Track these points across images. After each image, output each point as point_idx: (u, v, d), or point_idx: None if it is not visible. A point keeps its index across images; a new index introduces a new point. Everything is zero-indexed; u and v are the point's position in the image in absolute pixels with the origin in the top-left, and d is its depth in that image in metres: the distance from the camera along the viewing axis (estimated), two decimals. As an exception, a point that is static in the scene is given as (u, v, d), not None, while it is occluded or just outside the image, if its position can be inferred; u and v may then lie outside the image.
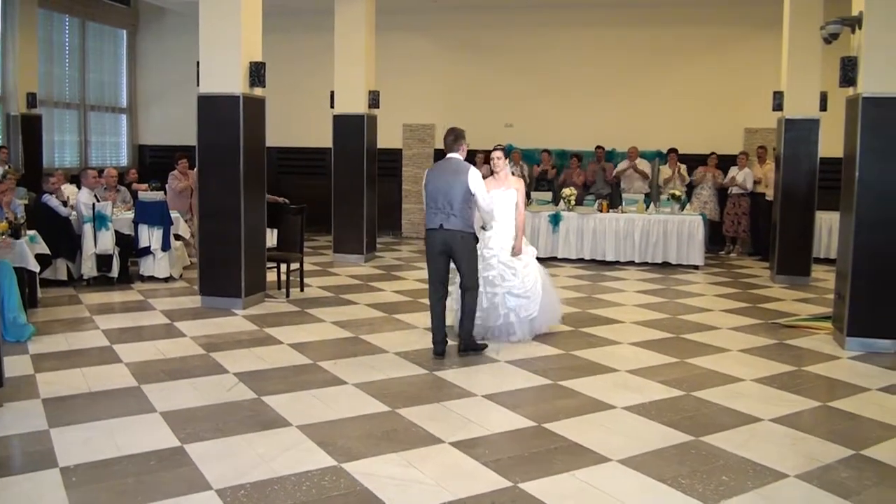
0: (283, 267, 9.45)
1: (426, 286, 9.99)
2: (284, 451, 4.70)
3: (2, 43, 13.21)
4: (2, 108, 13.27)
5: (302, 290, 9.63)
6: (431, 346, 6.97)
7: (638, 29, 14.69)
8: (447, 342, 6.99)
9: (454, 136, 6.89)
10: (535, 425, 5.22)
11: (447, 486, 4.25)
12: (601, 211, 12.37)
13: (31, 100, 13.37)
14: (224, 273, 8.61)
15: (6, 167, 11.32)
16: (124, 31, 16.62)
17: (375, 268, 11.78)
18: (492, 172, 7.54)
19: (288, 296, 9.30)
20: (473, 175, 6.74)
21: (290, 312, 8.58)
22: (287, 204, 10.29)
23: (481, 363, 6.68)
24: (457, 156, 6.86)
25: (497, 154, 7.41)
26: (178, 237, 10.49)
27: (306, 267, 10.36)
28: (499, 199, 7.33)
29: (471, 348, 6.97)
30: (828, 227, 12.51)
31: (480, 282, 7.13)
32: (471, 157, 8.57)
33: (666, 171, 13.63)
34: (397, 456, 4.66)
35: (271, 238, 9.87)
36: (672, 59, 14.65)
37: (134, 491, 4.15)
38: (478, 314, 7.15)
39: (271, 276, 9.50)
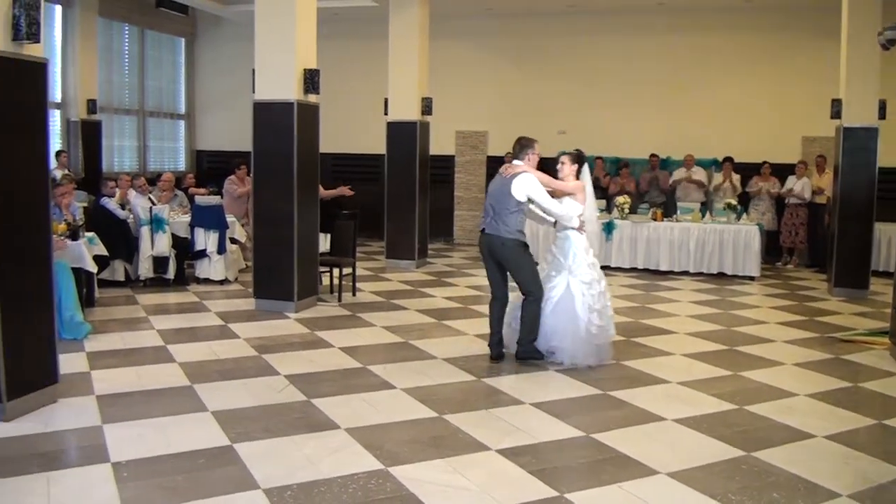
0: (336, 271, 9.54)
1: (477, 293, 10.12)
2: (332, 454, 4.73)
3: (62, 51, 13.57)
4: (62, 114, 13.61)
5: (354, 294, 9.70)
6: (480, 353, 6.98)
7: (693, 35, 14.49)
8: (503, 347, 6.93)
9: (520, 146, 6.84)
10: (584, 435, 5.17)
11: (492, 494, 4.23)
12: (655, 219, 12.24)
13: (92, 106, 13.70)
14: (278, 277, 8.71)
15: (65, 171, 11.59)
16: (182, 40, 16.96)
17: (427, 274, 11.81)
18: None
19: (340, 300, 9.38)
20: (519, 182, 6.61)
21: (341, 316, 8.64)
22: (349, 196, 10.41)
23: (531, 371, 6.63)
24: (520, 163, 6.79)
25: (561, 159, 7.11)
26: (233, 241, 10.63)
27: (358, 272, 10.42)
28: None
29: (529, 357, 6.79)
30: (887, 238, 12.19)
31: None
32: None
33: (717, 178, 13.43)
34: (443, 462, 4.65)
35: (324, 243, 9.95)
36: (728, 66, 14.41)
37: (183, 488, 4.21)
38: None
39: (324, 281, 9.60)
